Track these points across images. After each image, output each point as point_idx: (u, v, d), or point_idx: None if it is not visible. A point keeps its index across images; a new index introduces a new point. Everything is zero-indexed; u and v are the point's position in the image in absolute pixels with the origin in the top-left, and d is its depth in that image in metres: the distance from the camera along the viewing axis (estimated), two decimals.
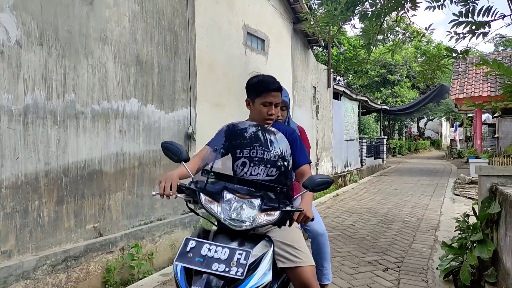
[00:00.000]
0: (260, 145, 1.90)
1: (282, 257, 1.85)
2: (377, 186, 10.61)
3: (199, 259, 1.50)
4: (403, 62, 24.93)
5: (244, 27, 6.53)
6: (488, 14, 3.92)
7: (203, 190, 1.68)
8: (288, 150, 1.89)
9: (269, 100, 2.02)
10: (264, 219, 1.64)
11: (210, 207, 1.65)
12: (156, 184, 4.58)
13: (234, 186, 1.71)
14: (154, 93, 4.56)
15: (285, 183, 1.88)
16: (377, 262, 4.14)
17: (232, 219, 1.61)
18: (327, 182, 1.72)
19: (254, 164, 1.90)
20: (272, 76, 2.13)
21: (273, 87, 2.02)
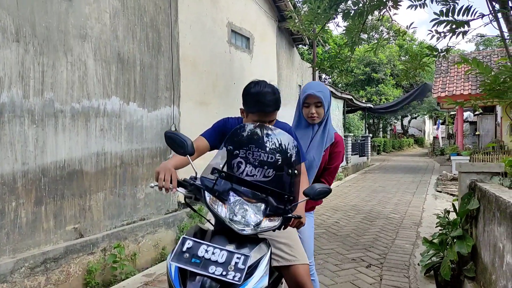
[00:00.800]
0: (256, 146, 1.82)
1: (276, 255, 1.84)
2: (361, 184, 10.72)
3: (196, 260, 1.44)
4: (387, 60, 25.24)
5: (228, 24, 6.49)
6: (468, 14, 3.99)
7: (209, 189, 1.60)
8: (292, 143, 1.80)
9: (261, 119, 1.92)
10: (267, 224, 1.60)
11: (214, 208, 1.59)
12: (141, 182, 4.52)
13: (241, 188, 1.66)
14: (136, 91, 4.49)
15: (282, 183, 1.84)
16: (360, 259, 4.17)
17: (237, 223, 1.57)
18: (327, 192, 1.73)
19: (250, 164, 1.84)
20: (271, 88, 1.93)
21: (269, 110, 1.90)
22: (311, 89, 2.31)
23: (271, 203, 1.65)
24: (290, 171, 1.69)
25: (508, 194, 2.53)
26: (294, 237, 1.97)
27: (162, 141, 4.90)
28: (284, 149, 1.81)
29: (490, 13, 3.77)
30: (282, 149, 1.81)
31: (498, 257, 2.42)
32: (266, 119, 1.94)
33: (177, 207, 5.19)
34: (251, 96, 1.92)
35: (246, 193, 1.66)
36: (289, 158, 1.81)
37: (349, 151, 14.74)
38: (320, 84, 2.45)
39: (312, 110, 2.29)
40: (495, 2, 3.75)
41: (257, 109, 1.91)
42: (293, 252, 1.88)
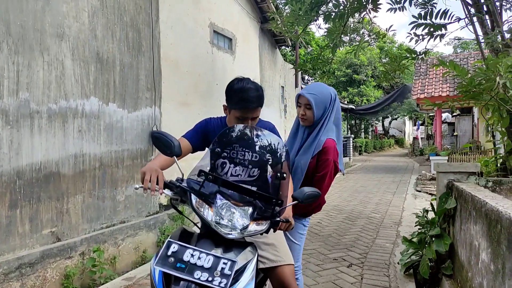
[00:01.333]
0: (240, 145, 1.81)
1: (262, 257, 1.83)
2: (343, 184, 10.83)
3: (181, 265, 1.40)
4: (368, 62, 25.62)
5: (210, 25, 6.46)
6: (445, 17, 4.09)
7: (195, 191, 1.57)
8: (281, 143, 1.79)
9: (244, 115, 1.93)
10: (254, 228, 1.57)
11: (201, 211, 1.55)
12: (121, 184, 4.44)
13: (228, 191, 1.62)
14: (116, 92, 4.41)
15: (267, 183, 1.86)
16: (342, 258, 4.21)
17: (224, 226, 1.53)
18: (316, 196, 1.73)
19: (235, 164, 1.83)
20: (254, 85, 1.96)
21: (251, 106, 1.91)
22: (304, 89, 2.28)
23: (259, 206, 1.62)
24: (279, 174, 1.67)
25: (483, 194, 2.59)
26: (280, 238, 1.96)
27: (143, 143, 4.83)
28: (270, 148, 1.81)
29: (466, 17, 3.88)
30: (268, 148, 1.81)
31: (474, 255, 2.47)
32: (249, 116, 1.94)
33: (159, 209, 5.12)
34: (234, 92, 1.93)
35: (233, 196, 1.63)
36: (275, 158, 1.80)
37: None
38: (318, 86, 2.30)
39: (301, 111, 2.25)
40: (470, 6, 3.85)
41: (240, 105, 1.91)
42: (278, 253, 1.87)
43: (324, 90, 2.28)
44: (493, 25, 3.66)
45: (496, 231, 2.03)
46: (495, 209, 2.08)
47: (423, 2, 4.32)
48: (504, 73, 3.07)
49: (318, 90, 2.25)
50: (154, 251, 4.77)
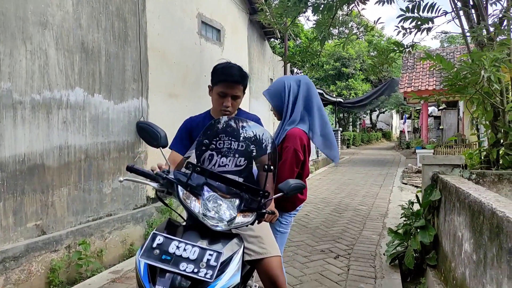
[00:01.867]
0: (226, 135, 1.82)
1: (248, 249, 1.83)
2: (331, 177, 10.93)
3: (166, 257, 1.39)
4: (356, 55, 25.73)
5: (198, 15, 6.38)
6: (432, 11, 4.11)
7: (182, 183, 1.55)
8: (266, 134, 1.80)
9: (225, 91, 1.94)
10: (241, 220, 1.58)
11: (187, 203, 1.53)
12: (107, 176, 4.38)
13: (215, 183, 1.62)
14: (101, 82, 4.33)
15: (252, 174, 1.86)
16: (329, 250, 4.26)
17: (210, 218, 1.52)
18: (300, 188, 1.75)
19: (221, 155, 1.83)
20: (238, 66, 2.02)
21: (232, 79, 1.93)
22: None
23: (246, 198, 1.62)
24: (266, 167, 1.67)
25: (467, 185, 2.64)
26: (266, 230, 1.97)
27: (130, 134, 4.77)
28: (255, 139, 1.81)
29: (452, 10, 3.91)
30: (253, 139, 1.81)
31: (458, 246, 2.52)
32: (229, 92, 1.94)
33: (146, 202, 5.08)
34: (217, 69, 1.98)
35: (220, 188, 1.63)
36: (260, 149, 1.80)
37: None
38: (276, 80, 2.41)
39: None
40: (457, 0, 3.88)
41: (222, 78, 1.93)
42: (264, 245, 1.88)
43: (279, 81, 2.31)
44: (479, 19, 3.70)
45: (479, 222, 2.07)
46: (478, 200, 2.12)
47: None
48: (488, 66, 3.11)
49: (273, 83, 2.34)
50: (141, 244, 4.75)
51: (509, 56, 3.27)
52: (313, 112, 2.28)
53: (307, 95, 2.29)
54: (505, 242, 1.67)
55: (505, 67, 3.28)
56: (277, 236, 2.27)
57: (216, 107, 2.03)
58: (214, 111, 2.11)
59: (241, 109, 2.19)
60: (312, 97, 2.30)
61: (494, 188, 3.28)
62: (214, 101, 2.03)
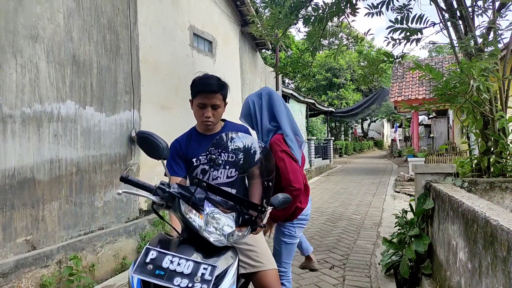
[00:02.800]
0: (216, 148, 1.82)
1: (243, 262, 1.82)
2: (325, 186, 10.93)
3: (160, 272, 1.36)
4: (347, 66, 26.05)
5: (190, 27, 6.41)
6: (421, 22, 4.19)
7: (186, 198, 1.52)
8: (255, 143, 1.81)
9: (203, 101, 1.94)
10: (237, 234, 1.58)
11: (189, 217, 1.50)
12: (99, 189, 4.33)
13: (216, 197, 1.61)
14: (93, 95, 4.31)
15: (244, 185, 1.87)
16: (324, 260, 4.23)
17: (212, 233, 1.51)
18: (288, 201, 1.78)
19: (213, 168, 1.83)
20: (215, 76, 2.04)
21: (209, 89, 1.92)
22: None
23: (243, 213, 1.63)
24: (266, 183, 1.67)
25: (460, 194, 2.66)
26: (261, 242, 1.95)
27: (122, 147, 4.73)
28: (244, 148, 1.82)
29: (440, 21, 3.99)
30: (243, 149, 1.82)
31: (452, 254, 2.53)
32: (208, 102, 1.94)
33: (139, 214, 5.02)
34: (195, 82, 1.99)
35: (221, 203, 1.62)
36: (250, 159, 1.80)
37: (313, 154, 15.02)
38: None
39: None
40: (445, 11, 3.97)
41: (200, 89, 1.94)
42: (260, 258, 1.86)
43: (245, 101, 2.45)
44: (466, 30, 3.78)
45: (473, 230, 2.08)
46: (471, 209, 2.13)
47: (399, 7, 4.43)
48: (477, 76, 3.16)
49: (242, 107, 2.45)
50: (134, 258, 4.67)
51: (497, 66, 3.34)
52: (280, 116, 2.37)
53: (270, 103, 2.39)
54: (499, 251, 1.67)
55: (493, 76, 3.34)
56: (281, 246, 2.32)
57: (197, 119, 2.03)
58: (198, 125, 2.11)
59: (228, 120, 2.19)
60: (275, 103, 2.40)
61: (486, 196, 3.31)
62: (195, 114, 2.02)
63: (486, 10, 3.82)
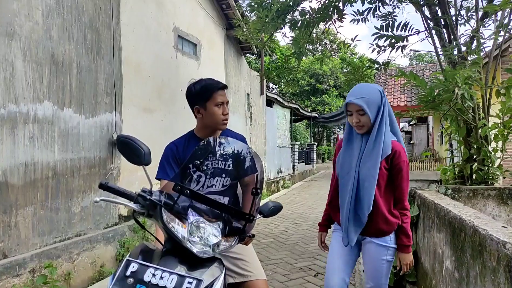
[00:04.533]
0: (214, 155, 1.74)
1: (232, 272, 1.76)
2: (308, 191, 10.94)
3: (141, 286, 1.27)
4: (330, 72, 26.34)
5: (175, 29, 6.31)
6: (406, 29, 4.23)
7: (169, 206, 1.42)
8: (244, 149, 1.74)
9: (220, 99, 1.94)
10: (224, 244, 1.49)
11: (172, 227, 1.40)
12: (77, 194, 4.16)
13: (201, 205, 1.51)
14: (72, 96, 4.15)
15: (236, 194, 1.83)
16: (308, 267, 4.18)
17: (196, 244, 1.42)
18: (279, 209, 1.75)
19: (209, 176, 1.76)
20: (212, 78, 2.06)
21: (221, 86, 1.96)
22: (351, 96, 1.99)
23: (230, 222, 1.54)
24: (254, 190, 1.59)
25: (446, 202, 2.65)
26: (250, 252, 1.89)
27: (102, 150, 4.58)
28: (242, 158, 1.75)
29: (425, 29, 4.03)
30: (239, 157, 1.75)
31: (438, 263, 2.51)
32: (224, 99, 1.97)
33: (118, 220, 4.86)
34: (198, 88, 1.94)
35: (206, 211, 1.53)
36: (247, 168, 1.73)
37: (296, 159, 15.04)
38: (363, 87, 2.04)
39: (354, 119, 1.98)
40: (429, 20, 4.01)
41: (213, 89, 1.92)
42: (249, 268, 1.81)
43: (372, 90, 2.02)
44: (450, 38, 3.82)
45: (460, 239, 2.06)
46: (458, 217, 2.11)
47: (384, 14, 4.46)
48: (461, 84, 3.19)
49: (366, 92, 1.99)
50: (113, 265, 4.51)
51: (481, 75, 3.38)
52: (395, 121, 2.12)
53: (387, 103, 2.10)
54: (489, 261, 1.65)
55: (477, 85, 3.38)
56: (385, 265, 2.11)
57: (217, 119, 1.96)
58: (202, 130, 2.02)
59: (227, 128, 2.13)
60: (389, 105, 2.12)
61: (469, 203, 3.33)
62: (213, 115, 1.94)
63: (469, 19, 3.88)
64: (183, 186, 1.44)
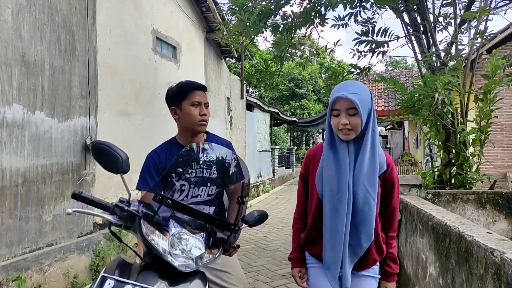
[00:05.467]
0: (198, 163, 1.64)
1: (215, 284, 1.69)
2: (288, 195, 10.92)
3: None
4: (309, 77, 26.60)
5: (153, 31, 6.17)
6: (385, 35, 4.26)
7: (148, 217, 1.32)
8: (229, 155, 1.64)
9: (197, 99, 1.87)
10: (207, 257, 1.41)
11: (151, 239, 1.30)
12: (49, 202, 3.96)
13: (183, 216, 1.42)
14: (44, 99, 3.96)
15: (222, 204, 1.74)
16: (290, 274, 4.12)
17: (178, 257, 1.33)
18: (265, 218, 1.68)
19: (194, 185, 1.66)
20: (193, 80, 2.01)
21: (197, 85, 1.90)
22: (341, 90, 1.56)
23: (214, 233, 1.45)
24: (239, 199, 1.51)
25: (428, 207, 2.65)
26: (234, 264, 1.82)
27: (76, 155, 4.39)
28: (227, 165, 1.65)
29: (405, 35, 4.07)
30: (225, 165, 1.66)
31: (421, 268, 2.50)
32: (202, 100, 1.89)
33: (93, 228, 4.67)
34: (175, 89, 1.90)
35: (188, 222, 1.43)
36: (233, 176, 1.64)
37: (276, 163, 15.03)
38: (353, 83, 1.63)
39: (343, 120, 1.55)
40: (409, 26, 4.05)
41: (189, 88, 1.87)
42: (233, 281, 1.75)
43: (363, 87, 1.61)
44: (429, 43, 3.88)
45: (445, 245, 2.04)
46: (442, 223, 2.10)
47: (364, 20, 4.49)
48: (441, 89, 3.22)
49: (357, 88, 1.57)
50: (87, 276, 4.32)
51: (459, 80, 3.43)
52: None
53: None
54: (476, 268, 1.63)
55: (456, 90, 3.43)
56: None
57: (193, 120, 1.87)
58: (183, 135, 1.93)
59: (211, 133, 2.04)
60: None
61: (449, 207, 3.36)
62: (189, 115, 1.86)
63: (447, 26, 3.95)
64: (164, 195, 1.35)
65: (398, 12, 4.00)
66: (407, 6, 3.80)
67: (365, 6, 4.22)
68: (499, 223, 3.31)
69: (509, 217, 3.30)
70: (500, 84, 3.45)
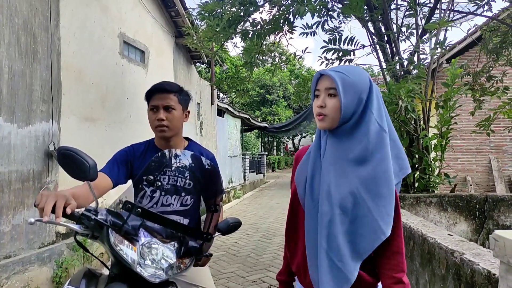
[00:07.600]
0: (171, 170, 1.59)
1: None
2: (259, 201, 10.93)
3: None
4: (279, 83, 26.91)
5: (120, 35, 6.03)
6: (352, 43, 4.39)
7: (116, 227, 1.26)
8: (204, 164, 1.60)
9: (154, 103, 1.76)
10: (179, 266, 1.37)
11: (120, 250, 1.25)
12: (7, 211, 3.75)
13: (153, 225, 1.36)
14: (2, 103, 3.76)
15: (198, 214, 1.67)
16: (260, 280, 4.11)
17: (147, 267, 1.27)
18: (238, 226, 1.60)
19: (165, 193, 1.59)
20: (168, 82, 1.89)
21: (161, 87, 1.78)
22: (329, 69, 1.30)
23: (186, 242, 1.41)
24: (212, 207, 1.47)
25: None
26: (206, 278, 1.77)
27: (37, 162, 4.19)
28: (205, 175, 1.61)
29: (370, 44, 4.21)
30: (202, 174, 1.61)
31: None
32: (160, 103, 1.75)
33: (55, 238, 4.46)
34: (148, 90, 1.83)
35: (159, 231, 1.39)
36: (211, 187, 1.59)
37: (247, 169, 15.04)
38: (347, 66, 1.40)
39: (319, 102, 1.25)
40: (374, 35, 4.20)
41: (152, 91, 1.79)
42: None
43: (357, 70, 1.27)
44: (393, 52, 4.02)
45: (409, 248, 2.11)
46: (407, 226, 2.17)
47: (331, 28, 4.60)
48: (404, 97, 3.35)
49: (348, 70, 1.25)
50: None
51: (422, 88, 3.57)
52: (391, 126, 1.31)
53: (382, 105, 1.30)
54: (438, 269, 1.69)
55: (418, 97, 3.57)
56: None
57: (151, 125, 1.80)
58: (157, 139, 1.86)
59: (194, 141, 1.99)
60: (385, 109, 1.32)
61: (413, 210, 3.48)
62: (149, 121, 1.81)
63: (409, 36, 4.12)
64: (133, 204, 1.31)
65: (363, 21, 4.13)
66: (371, 16, 3.93)
67: (332, 15, 4.33)
68: (459, 224, 3.46)
69: (469, 219, 3.46)
70: (459, 92, 3.63)
